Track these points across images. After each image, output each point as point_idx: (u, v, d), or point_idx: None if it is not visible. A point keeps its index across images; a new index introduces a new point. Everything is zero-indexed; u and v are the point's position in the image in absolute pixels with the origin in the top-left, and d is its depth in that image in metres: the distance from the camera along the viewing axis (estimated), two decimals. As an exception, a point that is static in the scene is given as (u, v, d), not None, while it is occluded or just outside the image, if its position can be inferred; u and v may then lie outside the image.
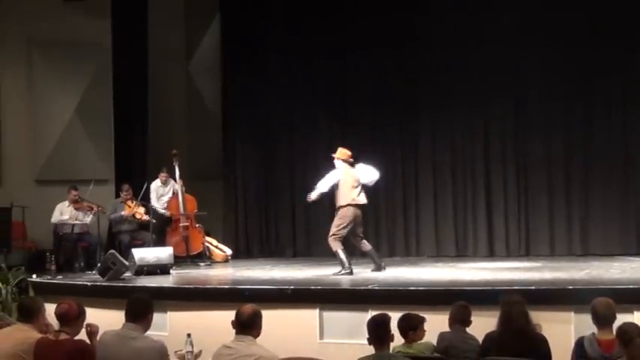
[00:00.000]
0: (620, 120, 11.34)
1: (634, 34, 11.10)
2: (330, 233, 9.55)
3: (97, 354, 5.10)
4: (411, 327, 5.73)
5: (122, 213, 11.43)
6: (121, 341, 5.11)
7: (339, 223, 9.53)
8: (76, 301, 5.40)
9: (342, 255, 9.46)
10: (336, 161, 9.76)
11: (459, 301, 6.09)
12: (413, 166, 12.20)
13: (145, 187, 11.40)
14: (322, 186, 9.71)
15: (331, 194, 9.75)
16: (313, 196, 9.70)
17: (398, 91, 12.17)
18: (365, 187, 9.75)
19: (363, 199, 9.68)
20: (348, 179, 9.62)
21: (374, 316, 5.38)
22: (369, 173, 9.83)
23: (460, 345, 5.63)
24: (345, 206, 9.54)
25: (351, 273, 9.34)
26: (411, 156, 12.21)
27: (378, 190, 12.12)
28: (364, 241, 9.78)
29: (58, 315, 5.16)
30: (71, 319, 5.15)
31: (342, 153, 9.80)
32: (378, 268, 9.67)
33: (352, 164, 9.79)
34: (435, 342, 5.79)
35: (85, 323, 5.35)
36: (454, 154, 12.03)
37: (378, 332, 5.09)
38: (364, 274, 9.50)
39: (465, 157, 11.98)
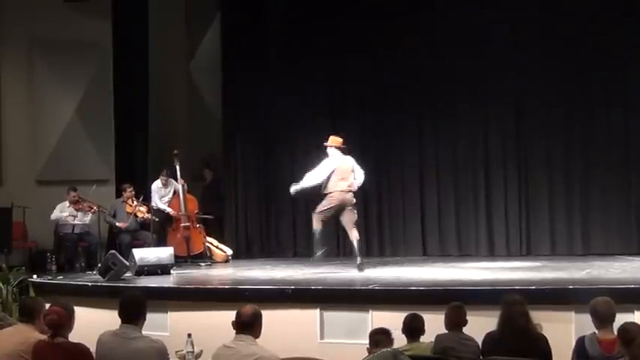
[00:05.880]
0: (620, 120, 11.32)
1: (635, 35, 11.09)
2: (317, 210, 9.59)
3: (96, 354, 5.08)
4: (419, 327, 5.77)
5: (118, 224, 11.41)
6: (119, 341, 5.09)
7: (326, 204, 9.53)
8: (63, 302, 5.30)
9: (317, 237, 9.55)
10: (329, 149, 9.74)
11: (455, 301, 6.08)
12: (414, 166, 12.17)
13: (147, 187, 11.41)
14: (314, 177, 9.60)
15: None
16: (297, 187, 9.63)
17: (399, 91, 12.14)
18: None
19: (351, 188, 9.58)
20: (342, 168, 9.59)
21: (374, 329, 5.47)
22: (359, 174, 9.79)
23: (457, 346, 5.60)
24: (331, 192, 9.51)
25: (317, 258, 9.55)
26: (412, 156, 12.18)
27: (379, 190, 12.19)
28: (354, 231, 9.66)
29: (50, 325, 5.05)
30: (63, 324, 5.07)
31: (335, 140, 9.77)
32: (359, 268, 9.55)
33: (344, 152, 9.76)
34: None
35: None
36: (455, 154, 12.00)
37: (376, 338, 5.27)
38: (364, 274, 9.48)
39: (466, 157, 11.95)
